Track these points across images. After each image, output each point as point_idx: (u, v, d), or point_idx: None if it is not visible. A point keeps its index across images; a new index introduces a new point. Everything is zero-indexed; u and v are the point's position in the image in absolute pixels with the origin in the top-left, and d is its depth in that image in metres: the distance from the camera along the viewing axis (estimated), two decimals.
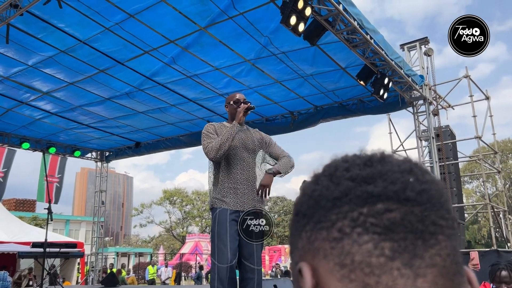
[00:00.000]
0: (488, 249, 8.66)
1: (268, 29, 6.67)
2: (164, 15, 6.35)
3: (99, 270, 13.32)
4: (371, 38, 6.67)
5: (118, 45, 7.11)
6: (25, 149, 11.37)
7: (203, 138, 3.54)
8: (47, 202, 7.92)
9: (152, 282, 19.92)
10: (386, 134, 11.40)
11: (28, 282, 13.11)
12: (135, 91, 8.85)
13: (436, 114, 9.76)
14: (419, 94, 8.61)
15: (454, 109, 10.89)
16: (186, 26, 6.63)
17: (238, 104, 3.64)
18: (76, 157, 12.87)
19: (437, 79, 9.76)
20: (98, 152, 13.62)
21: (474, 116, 10.60)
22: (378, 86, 7.43)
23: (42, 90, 8.71)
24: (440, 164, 9.32)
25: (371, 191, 0.44)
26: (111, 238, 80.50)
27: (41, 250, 8.21)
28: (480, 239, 36.53)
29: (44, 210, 6.94)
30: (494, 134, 11.86)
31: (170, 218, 47.84)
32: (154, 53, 7.41)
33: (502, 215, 11.97)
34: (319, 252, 0.45)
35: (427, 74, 9.26)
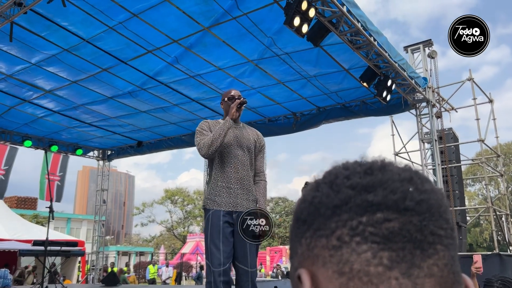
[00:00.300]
0: (490, 252, 8.64)
1: (271, 29, 6.67)
2: (167, 15, 6.36)
3: (100, 269, 13.33)
4: (375, 40, 6.67)
5: (122, 44, 7.13)
6: (27, 147, 11.41)
7: (197, 135, 3.51)
8: (48, 200, 7.95)
9: (152, 281, 19.96)
10: (389, 136, 11.37)
11: (33, 279, 13.16)
12: (138, 90, 8.87)
13: (439, 116, 9.74)
14: (422, 96, 8.59)
15: (457, 111, 10.88)
16: (190, 26, 6.64)
17: (232, 100, 3.59)
18: (78, 155, 12.91)
19: (440, 81, 9.77)
20: (100, 150, 13.64)
21: (477, 119, 10.58)
22: (381, 88, 7.42)
23: (45, 88, 8.74)
24: (442, 166, 9.31)
25: (371, 200, 0.44)
26: (112, 237, 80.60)
27: (42, 248, 8.24)
28: (482, 242, 36.45)
29: (45, 208, 6.93)
30: (497, 137, 11.83)
31: (171, 217, 48.01)
32: (157, 52, 7.42)
33: (504, 218, 11.96)
34: (318, 259, 0.46)
35: (431, 76, 9.25)
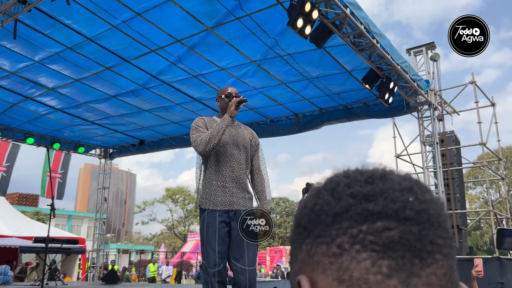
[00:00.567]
0: (490, 256, 8.63)
1: (274, 30, 6.67)
2: (171, 15, 6.37)
3: (100, 267, 13.35)
4: (378, 42, 6.66)
5: (125, 43, 7.14)
6: (29, 144, 11.42)
7: (192, 131, 3.43)
8: (49, 197, 7.96)
9: (152, 280, 19.98)
10: (390, 138, 11.38)
11: (36, 276, 13.15)
12: (141, 89, 8.87)
13: (441, 119, 9.74)
14: (424, 99, 8.57)
15: (459, 114, 10.86)
16: (193, 26, 6.64)
17: (230, 98, 3.52)
18: (80, 153, 12.90)
19: (443, 84, 9.75)
20: (102, 149, 13.64)
21: (479, 122, 10.58)
22: (384, 90, 7.42)
23: (47, 86, 8.75)
24: (443, 169, 9.30)
25: (371, 209, 0.45)
26: (113, 234, 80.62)
27: (43, 245, 8.25)
28: (482, 246, 36.37)
29: (47, 206, 6.94)
30: (498, 141, 11.83)
31: (172, 216, 47.97)
32: (160, 52, 7.43)
33: (505, 222, 11.94)
34: (319, 266, 0.46)
35: (433, 79, 9.23)
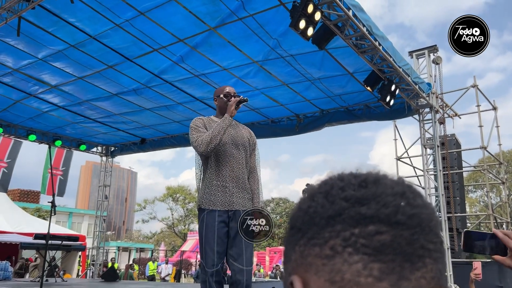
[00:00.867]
0: (489, 260, 8.61)
1: (277, 31, 6.68)
2: (174, 14, 6.38)
3: (100, 264, 13.37)
4: (380, 44, 6.67)
5: (128, 41, 7.15)
6: (31, 141, 11.44)
7: (192, 131, 3.42)
8: (49, 194, 7.97)
9: (152, 278, 19.98)
10: (391, 140, 11.39)
11: (38, 273, 13.16)
12: (143, 88, 8.88)
13: (442, 122, 9.73)
14: (426, 102, 8.57)
15: (460, 117, 10.86)
16: (196, 25, 6.65)
17: (228, 97, 3.52)
18: (81, 151, 12.92)
19: (445, 87, 9.76)
20: (104, 146, 13.66)
21: (480, 126, 10.57)
22: (385, 92, 7.42)
23: (50, 83, 8.77)
24: (444, 172, 9.30)
25: (364, 213, 0.46)
26: (113, 232, 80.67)
27: (43, 241, 8.27)
28: None
29: (48, 202, 6.96)
30: (499, 145, 11.81)
31: (173, 215, 47.99)
32: (163, 51, 7.44)
33: (505, 226, 11.94)
34: (311, 267, 0.47)
35: (435, 82, 9.23)
